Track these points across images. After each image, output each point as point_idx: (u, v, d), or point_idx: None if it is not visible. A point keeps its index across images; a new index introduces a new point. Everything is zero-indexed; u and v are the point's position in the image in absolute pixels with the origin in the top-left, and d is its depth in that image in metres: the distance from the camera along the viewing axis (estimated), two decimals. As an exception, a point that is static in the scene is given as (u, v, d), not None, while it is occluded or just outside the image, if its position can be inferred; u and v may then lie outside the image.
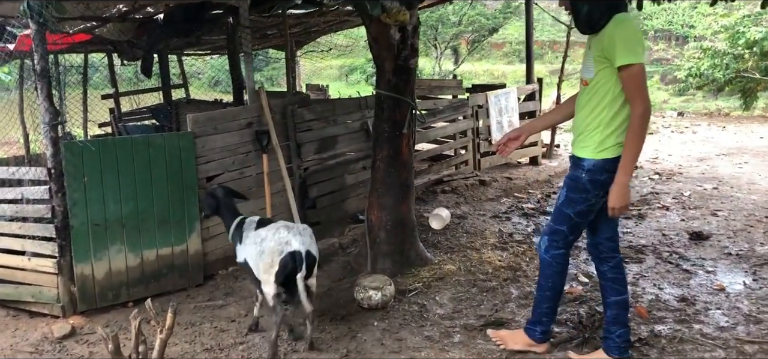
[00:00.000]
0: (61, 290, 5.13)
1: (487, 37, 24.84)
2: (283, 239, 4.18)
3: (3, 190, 5.44)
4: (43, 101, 4.76)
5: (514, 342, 4.10)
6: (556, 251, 3.80)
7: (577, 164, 3.60)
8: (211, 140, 5.81)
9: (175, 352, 4.40)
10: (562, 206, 3.71)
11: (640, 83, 3.33)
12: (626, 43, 3.29)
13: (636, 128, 3.34)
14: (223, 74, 24.16)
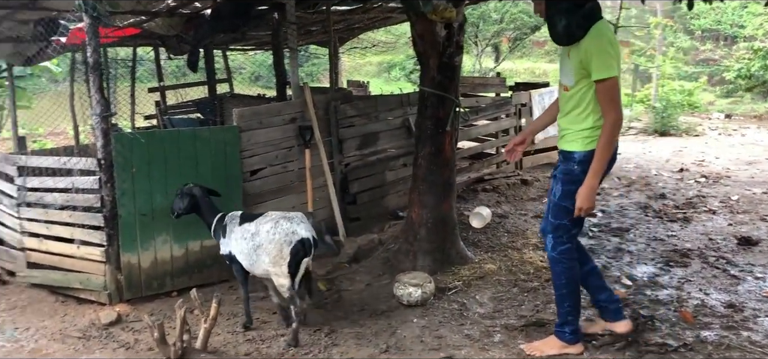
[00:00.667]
0: (108, 278, 5.27)
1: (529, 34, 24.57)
2: (288, 229, 4.35)
3: (54, 179, 5.61)
4: (95, 93, 4.89)
5: (549, 348, 4.07)
6: (563, 245, 3.88)
7: (569, 158, 3.76)
8: (255, 134, 5.89)
9: (218, 341, 4.48)
10: (560, 201, 3.80)
11: (613, 96, 3.54)
12: (602, 57, 3.47)
13: (607, 136, 3.56)
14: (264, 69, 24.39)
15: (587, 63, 3.53)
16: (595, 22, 3.54)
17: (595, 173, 3.61)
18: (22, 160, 5.81)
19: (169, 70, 11.91)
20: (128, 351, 4.51)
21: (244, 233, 4.56)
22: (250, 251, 4.49)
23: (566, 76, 3.74)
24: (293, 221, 4.43)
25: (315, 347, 4.34)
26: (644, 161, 10.52)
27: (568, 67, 3.71)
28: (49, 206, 5.64)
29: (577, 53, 3.59)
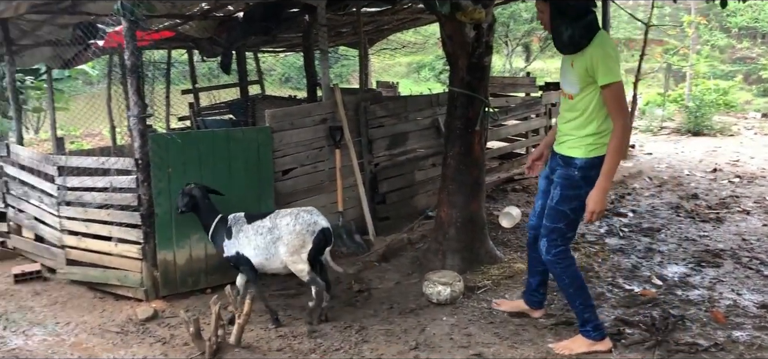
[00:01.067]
0: (145, 275, 5.41)
1: (561, 34, 24.37)
2: (310, 220, 4.66)
3: (93, 179, 5.77)
4: (133, 95, 5.03)
5: (578, 347, 4.12)
6: (557, 248, 3.98)
7: (569, 163, 3.87)
8: (287, 134, 5.99)
9: (251, 337, 4.57)
10: (557, 205, 3.92)
11: (620, 99, 3.67)
12: (608, 63, 3.61)
13: (618, 139, 3.67)
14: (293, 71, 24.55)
15: (593, 70, 3.65)
16: (597, 31, 3.69)
17: (607, 177, 3.71)
18: (62, 160, 5.98)
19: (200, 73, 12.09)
20: (164, 346, 4.63)
21: (259, 229, 4.76)
22: (268, 244, 4.69)
23: (570, 85, 3.85)
24: (313, 214, 4.71)
25: (346, 343, 4.42)
26: (676, 161, 10.40)
27: (572, 77, 3.81)
28: (87, 205, 5.80)
29: (581, 62, 3.71)
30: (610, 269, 5.56)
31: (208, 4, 7.05)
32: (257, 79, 12.42)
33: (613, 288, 5.15)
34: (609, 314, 4.64)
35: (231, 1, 7.05)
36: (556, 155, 4.03)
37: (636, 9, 16.71)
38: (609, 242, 6.29)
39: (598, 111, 3.75)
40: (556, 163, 4.04)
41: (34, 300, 5.72)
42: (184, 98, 11.81)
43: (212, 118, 10.97)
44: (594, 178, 3.77)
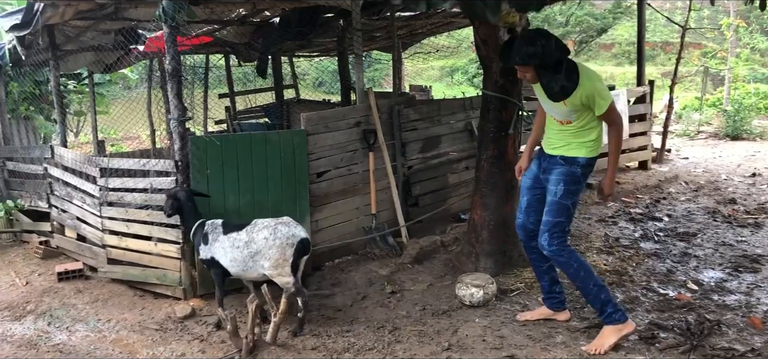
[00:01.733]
0: (183, 274, 5.54)
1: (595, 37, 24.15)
2: (287, 233, 4.69)
3: (134, 180, 5.93)
4: (174, 99, 5.17)
5: (606, 340, 4.17)
6: (559, 240, 4.20)
7: (572, 162, 4.17)
8: (322, 137, 6.08)
9: (286, 336, 4.66)
10: (561, 200, 4.17)
11: (614, 113, 4.08)
12: (601, 94, 4.00)
13: (616, 139, 4.16)
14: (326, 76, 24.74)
15: (592, 103, 4.00)
16: (576, 67, 4.01)
17: (614, 167, 4.21)
18: (104, 162, 6.16)
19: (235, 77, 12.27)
20: (202, 343, 4.75)
21: (235, 241, 4.80)
22: (245, 258, 4.75)
23: (563, 115, 4.16)
24: (290, 226, 4.76)
25: (379, 343, 4.48)
26: (714, 166, 10.24)
27: (564, 110, 4.11)
28: (128, 206, 5.97)
29: (574, 100, 4.00)
30: (645, 273, 5.52)
31: (245, 9, 7.19)
32: (292, 83, 12.57)
33: (648, 291, 5.11)
34: (643, 318, 4.62)
35: (268, 7, 7.17)
36: (552, 156, 4.27)
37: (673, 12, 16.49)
38: (643, 247, 6.24)
39: (595, 123, 4.12)
40: (551, 163, 4.27)
41: (77, 298, 5.90)
42: (220, 102, 12.02)
43: (248, 121, 11.13)
44: (588, 175, 4.28)
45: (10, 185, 8.54)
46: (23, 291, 6.27)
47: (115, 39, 7.31)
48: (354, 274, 5.95)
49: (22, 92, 8.94)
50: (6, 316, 5.75)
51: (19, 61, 7.91)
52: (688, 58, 20.65)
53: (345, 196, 6.34)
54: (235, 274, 4.89)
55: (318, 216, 6.11)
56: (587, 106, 4.02)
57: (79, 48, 7.84)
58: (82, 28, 7.00)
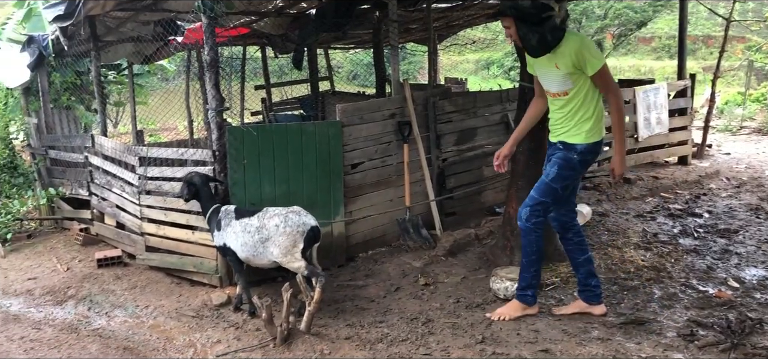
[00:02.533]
0: (220, 262, 5.61)
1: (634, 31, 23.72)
2: (298, 221, 4.80)
3: (172, 169, 6.02)
4: (212, 89, 5.22)
5: (513, 312, 4.58)
6: (537, 219, 4.34)
7: (570, 148, 4.26)
8: (356, 129, 6.08)
9: (320, 324, 4.69)
10: (550, 182, 4.29)
11: (608, 77, 4.15)
12: (592, 52, 4.09)
13: (617, 113, 4.17)
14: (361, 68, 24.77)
15: (581, 62, 4.06)
16: (565, 31, 4.12)
17: (621, 144, 4.22)
18: (143, 151, 6.26)
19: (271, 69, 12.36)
20: (237, 331, 4.81)
21: (247, 227, 4.92)
22: (256, 243, 4.87)
23: (559, 84, 4.23)
24: (300, 214, 4.85)
25: (412, 334, 4.48)
26: (757, 162, 9.97)
27: (558, 77, 4.20)
28: (166, 195, 6.06)
29: (565, 60, 4.09)
30: (684, 269, 5.41)
31: (282, 1, 7.23)
32: (327, 75, 12.61)
33: (687, 288, 5.01)
34: (681, 314, 4.53)
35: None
36: (554, 143, 4.39)
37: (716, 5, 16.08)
38: (683, 243, 6.11)
39: (591, 97, 4.18)
40: (553, 150, 4.40)
41: (116, 284, 6.02)
42: (256, 93, 12.12)
43: (284, 113, 11.22)
44: (589, 162, 4.39)
45: (52, 173, 8.74)
46: (64, 276, 6.42)
47: (154, 30, 7.41)
48: (387, 265, 5.95)
49: (64, 82, 9.12)
50: (48, 300, 5.90)
51: (62, 52, 8.08)
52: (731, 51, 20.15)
53: (379, 188, 6.34)
54: (245, 259, 5.00)
55: (352, 207, 6.13)
56: (579, 67, 4.08)
57: (119, 39, 7.97)
58: (122, 20, 7.11)
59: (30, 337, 5.11)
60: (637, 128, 8.88)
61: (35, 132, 8.86)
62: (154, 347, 4.72)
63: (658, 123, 9.03)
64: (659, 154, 9.36)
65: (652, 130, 8.98)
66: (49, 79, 8.74)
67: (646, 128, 8.93)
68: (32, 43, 8.25)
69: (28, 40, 8.40)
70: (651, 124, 8.97)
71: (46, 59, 8.44)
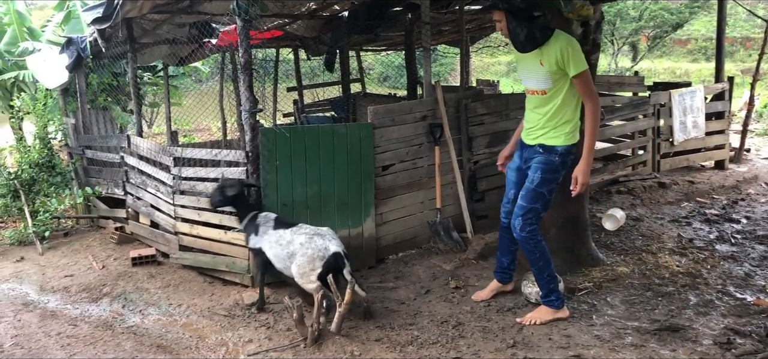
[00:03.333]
0: (252, 262, 5.65)
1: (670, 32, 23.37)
2: (321, 245, 4.81)
3: (206, 169, 6.09)
4: (246, 91, 5.28)
5: (544, 316, 4.59)
6: (532, 227, 4.45)
7: (550, 151, 4.37)
8: (388, 131, 6.09)
9: (350, 326, 4.70)
10: (537, 187, 4.40)
11: (589, 84, 4.24)
12: (575, 55, 4.16)
13: (592, 117, 4.24)
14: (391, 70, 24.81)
15: (565, 62, 4.16)
16: (553, 30, 4.22)
17: (590, 152, 4.27)
18: (178, 151, 6.34)
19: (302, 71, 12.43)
20: (269, 330, 4.84)
21: (280, 239, 5.01)
22: (284, 257, 4.95)
23: (540, 82, 4.33)
24: (325, 238, 4.87)
25: (442, 337, 4.46)
26: (799, 167, 9.74)
27: (541, 74, 4.29)
28: (200, 195, 6.13)
29: (550, 57, 4.19)
30: (721, 276, 5.31)
31: (315, 3, 7.27)
32: (359, 77, 12.65)
33: (723, 295, 4.91)
34: (718, 322, 4.45)
35: (337, 1, 7.23)
36: (531, 146, 4.49)
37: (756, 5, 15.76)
38: (719, 249, 5.99)
39: (570, 100, 4.29)
40: (531, 153, 4.50)
41: (150, 282, 6.10)
42: (288, 95, 12.21)
43: (315, 114, 11.28)
44: (570, 163, 4.42)
45: (88, 172, 8.90)
46: (99, 274, 6.53)
47: (190, 32, 7.52)
48: (417, 268, 5.94)
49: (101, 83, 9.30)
50: (84, 297, 6.01)
51: (100, 54, 8.23)
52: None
53: (410, 190, 6.34)
54: (278, 266, 5.09)
55: (382, 209, 6.13)
56: (562, 67, 4.18)
57: (155, 41, 8.10)
58: (158, 22, 7.22)
59: (66, 333, 5.21)
60: (673, 131, 8.74)
61: (73, 132, 9.04)
62: (186, 345, 4.78)
63: (695, 127, 8.87)
64: (695, 158, 9.19)
65: (688, 134, 8.84)
66: (87, 81, 8.92)
67: (682, 132, 8.79)
68: (71, 45, 8.41)
69: (67, 42, 8.57)
70: (687, 127, 8.82)
71: (84, 61, 8.61)
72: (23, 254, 7.59)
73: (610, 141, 9.03)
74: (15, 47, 12.99)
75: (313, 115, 11.18)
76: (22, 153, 8.99)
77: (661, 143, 8.80)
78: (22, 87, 13.02)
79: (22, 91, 12.83)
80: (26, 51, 11.81)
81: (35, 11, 19.11)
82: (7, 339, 5.13)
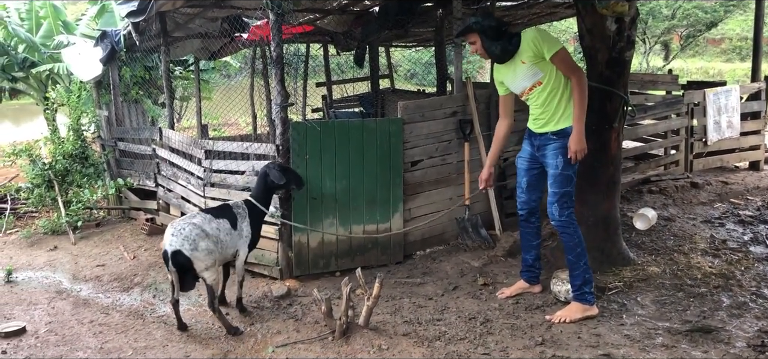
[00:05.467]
0: (281, 255, 5.70)
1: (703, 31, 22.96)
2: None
3: (236, 162, 6.14)
4: (277, 85, 5.31)
5: (574, 314, 4.58)
6: (569, 210, 4.58)
7: (562, 134, 4.51)
8: (417, 126, 6.08)
9: (378, 320, 4.71)
10: (563, 171, 4.52)
11: (569, 59, 4.47)
12: (546, 40, 4.43)
13: (579, 89, 4.41)
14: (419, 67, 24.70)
15: (540, 49, 4.40)
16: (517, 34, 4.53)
17: (581, 121, 4.41)
18: (209, 144, 6.41)
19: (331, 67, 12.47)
20: (297, 323, 4.87)
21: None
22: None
23: (531, 77, 4.55)
24: (171, 227, 4.81)
25: (470, 334, 4.45)
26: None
27: (527, 70, 4.52)
28: (230, 187, 6.19)
29: (527, 52, 4.45)
30: (755, 278, 5.21)
31: (346, -2, 7.29)
32: (387, 73, 12.64)
33: (758, 298, 4.82)
34: (751, 325, 4.37)
35: (367, -4, 7.25)
36: (542, 134, 4.62)
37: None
38: (754, 251, 5.88)
39: (564, 85, 4.49)
40: (543, 141, 4.63)
41: (180, 273, 6.17)
42: (317, 91, 12.25)
43: (343, 110, 11.30)
44: None
45: (120, 164, 9.04)
46: (131, 264, 6.63)
47: (221, 27, 7.58)
48: (445, 264, 5.93)
49: (133, 76, 9.43)
50: (115, 287, 6.11)
51: (133, 47, 8.35)
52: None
53: (438, 186, 6.33)
54: None
55: (411, 205, 6.13)
56: (540, 55, 4.41)
57: (187, 35, 8.18)
58: (191, 16, 7.30)
59: (99, 321, 5.30)
60: (707, 131, 8.60)
61: (106, 124, 9.18)
62: (215, 335, 4.83)
63: (729, 127, 8.72)
64: (730, 158, 9.04)
65: (722, 133, 8.69)
66: (120, 73, 9.05)
67: (716, 132, 8.64)
68: (105, 38, 8.54)
69: (102, 35, 8.70)
70: (721, 127, 8.67)
71: (118, 54, 8.73)
72: (56, 244, 7.74)
73: (642, 140, 8.91)
74: (50, 40, 13.25)
75: (341, 110, 11.20)
76: (57, 144, 9.16)
77: (695, 143, 8.66)
78: (56, 79, 13.27)
79: (56, 83, 13.07)
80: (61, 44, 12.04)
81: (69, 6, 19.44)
82: (41, 326, 5.24)
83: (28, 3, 14.28)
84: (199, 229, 4.72)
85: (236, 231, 4.99)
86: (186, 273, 4.73)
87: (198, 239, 4.67)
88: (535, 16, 9.80)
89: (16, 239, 8.25)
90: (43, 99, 11.91)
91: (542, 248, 6.05)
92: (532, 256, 5.09)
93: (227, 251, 4.95)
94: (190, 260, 4.64)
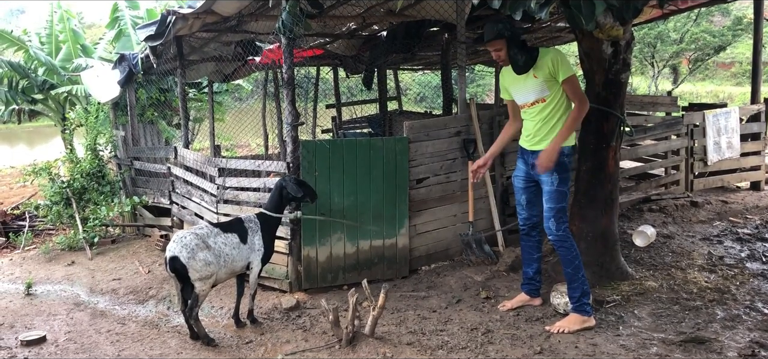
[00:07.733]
0: (290, 268, 5.92)
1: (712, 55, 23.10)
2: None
3: (248, 179, 6.38)
4: (288, 105, 5.56)
5: (573, 325, 4.75)
6: (564, 224, 4.78)
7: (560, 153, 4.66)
8: (422, 145, 6.30)
9: (383, 331, 4.90)
10: (558, 187, 4.72)
11: (578, 88, 4.69)
12: (565, 63, 4.64)
13: (575, 115, 4.67)
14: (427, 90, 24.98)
15: (555, 71, 4.61)
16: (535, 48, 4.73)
17: (558, 140, 4.63)
18: (223, 162, 6.65)
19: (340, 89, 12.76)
20: (305, 333, 5.07)
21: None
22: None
23: (537, 92, 4.73)
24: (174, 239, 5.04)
25: (472, 343, 4.63)
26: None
27: (536, 85, 4.70)
28: (243, 204, 6.42)
29: (543, 70, 4.64)
30: (749, 292, 5.37)
31: (355, 23, 7.55)
32: (396, 95, 12.90)
33: (751, 310, 4.98)
34: (743, 336, 4.52)
35: (376, 21, 7.49)
36: (536, 151, 4.77)
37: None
38: (750, 267, 6.04)
39: (566, 105, 4.71)
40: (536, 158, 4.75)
41: (194, 286, 6.39)
42: (327, 112, 12.53)
43: (352, 131, 11.55)
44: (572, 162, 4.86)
45: (136, 182, 9.31)
46: (146, 278, 6.86)
47: (235, 50, 7.86)
48: (449, 279, 6.12)
49: (149, 97, 9.73)
50: (131, 299, 6.34)
51: (150, 69, 8.64)
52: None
53: (443, 203, 6.53)
54: None
55: (416, 221, 6.34)
56: (553, 75, 4.63)
57: (202, 58, 8.47)
58: (206, 40, 7.59)
59: (115, 331, 5.53)
60: (706, 151, 8.77)
61: (122, 144, 9.47)
62: (228, 345, 5.04)
63: (729, 147, 8.88)
64: (730, 179, 9.19)
65: (722, 154, 8.85)
66: (136, 95, 9.35)
67: (716, 152, 8.81)
68: (123, 61, 8.83)
69: (120, 59, 9.00)
70: (721, 148, 8.83)
71: (135, 76, 9.03)
72: (74, 259, 7.99)
73: (642, 160, 9.09)
74: (69, 63, 13.64)
75: (350, 131, 11.46)
76: (74, 163, 9.45)
77: (695, 163, 8.83)
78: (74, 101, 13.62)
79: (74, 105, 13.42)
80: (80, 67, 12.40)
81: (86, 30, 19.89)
82: (61, 335, 5.47)
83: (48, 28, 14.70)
84: (200, 240, 4.95)
85: (246, 245, 5.19)
86: (185, 280, 4.96)
87: (197, 249, 4.89)
88: (537, 40, 10.05)
89: (35, 254, 8.52)
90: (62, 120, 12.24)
91: (543, 263, 6.23)
92: (533, 269, 5.27)
93: (234, 265, 5.15)
94: (185, 267, 4.86)
